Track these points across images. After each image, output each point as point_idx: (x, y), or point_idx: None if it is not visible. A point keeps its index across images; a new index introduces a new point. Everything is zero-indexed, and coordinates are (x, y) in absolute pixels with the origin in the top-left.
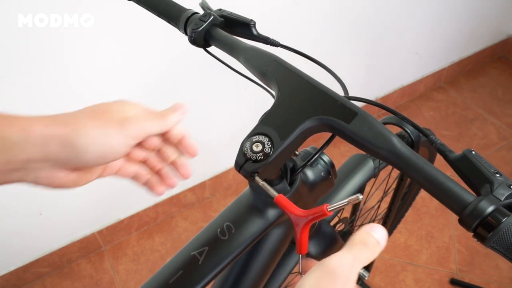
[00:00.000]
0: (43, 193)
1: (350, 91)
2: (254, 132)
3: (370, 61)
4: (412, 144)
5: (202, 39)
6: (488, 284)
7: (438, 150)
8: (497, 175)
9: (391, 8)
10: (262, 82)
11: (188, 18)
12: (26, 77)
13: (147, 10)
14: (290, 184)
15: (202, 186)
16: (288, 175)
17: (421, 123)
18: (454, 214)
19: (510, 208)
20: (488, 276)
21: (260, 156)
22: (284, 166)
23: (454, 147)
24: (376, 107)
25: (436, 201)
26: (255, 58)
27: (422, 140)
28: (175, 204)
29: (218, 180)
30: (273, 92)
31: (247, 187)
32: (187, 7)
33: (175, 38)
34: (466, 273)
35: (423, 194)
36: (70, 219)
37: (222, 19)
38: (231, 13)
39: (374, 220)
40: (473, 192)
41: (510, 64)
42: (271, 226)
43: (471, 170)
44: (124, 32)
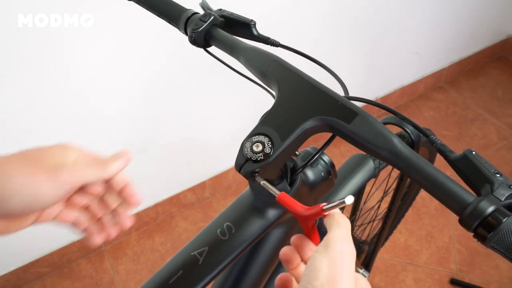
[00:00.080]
0: None
1: (350, 91)
2: (255, 132)
3: (370, 61)
4: (412, 144)
5: (202, 39)
6: (488, 284)
7: (438, 150)
8: (497, 175)
9: (391, 8)
10: (262, 82)
11: (188, 18)
12: (26, 77)
13: (147, 10)
14: (290, 184)
15: (202, 186)
16: (288, 175)
17: (421, 123)
18: (454, 214)
19: (510, 208)
20: (488, 276)
21: (260, 156)
22: (284, 166)
23: (454, 147)
24: (376, 107)
25: (436, 201)
26: (256, 58)
27: (422, 140)
28: (175, 204)
29: (218, 180)
30: (273, 92)
31: (247, 187)
32: (187, 7)
33: (175, 38)
34: (466, 273)
35: (423, 194)
36: None
37: (222, 19)
38: (232, 13)
39: (374, 220)
40: (473, 192)
41: (510, 64)
42: (271, 226)
43: (472, 170)
44: (124, 32)
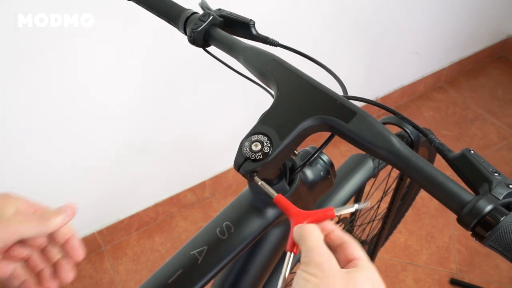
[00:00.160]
0: (43, 193)
1: (350, 91)
2: (253, 132)
3: (370, 61)
4: (412, 144)
5: (201, 39)
6: (488, 284)
7: (437, 150)
8: (495, 174)
9: (391, 8)
10: (262, 81)
11: (188, 18)
12: (26, 77)
13: (147, 10)
14: (289, 183)
15: (202, 186)
16: (287, 174)
17: (421, 123)
18: (454, 214)
19: (508, 207)
20: (488, 276)
21: (259, 155)
22: (283, 166)
23: (454, 147)
24: (376, 107)
25: (436, 201)
26: (255, 58)
27: (421, 140)
28: (175, 204)
29: (218, 180)
30: (272, 91)
31: (247, 186)
32: (186, 7)
33: (175, 38)
34: (466, 273)
35: (423, 194)
36: None
37: (221, 19)
38: (231, 13)
39: (374, 220)
40: (471, 191)
41: (510, 64)
42: (270, 226)
43: (470, 170)
44: (124, 32)
